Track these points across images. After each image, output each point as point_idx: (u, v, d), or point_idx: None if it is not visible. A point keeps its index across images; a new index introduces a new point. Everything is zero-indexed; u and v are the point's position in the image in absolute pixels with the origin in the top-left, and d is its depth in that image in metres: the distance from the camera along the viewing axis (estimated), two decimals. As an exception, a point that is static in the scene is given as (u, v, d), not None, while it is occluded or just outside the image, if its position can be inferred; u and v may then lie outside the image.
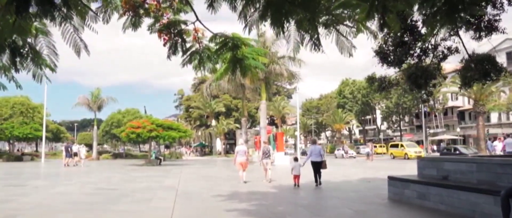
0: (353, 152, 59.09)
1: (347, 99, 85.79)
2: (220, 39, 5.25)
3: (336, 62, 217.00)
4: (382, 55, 12.02)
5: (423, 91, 13.10)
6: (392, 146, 51.27)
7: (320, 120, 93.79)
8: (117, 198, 11.67)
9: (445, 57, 11.72)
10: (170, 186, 15.29)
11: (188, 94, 79.72)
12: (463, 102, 77.55)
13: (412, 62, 12.45)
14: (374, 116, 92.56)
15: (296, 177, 14.82)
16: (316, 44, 5.36)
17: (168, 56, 5.81)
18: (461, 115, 78.06)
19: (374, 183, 15.94)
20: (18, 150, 51.55)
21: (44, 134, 42.73)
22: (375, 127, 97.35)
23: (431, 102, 73.05)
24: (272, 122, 67.93)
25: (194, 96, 73.35)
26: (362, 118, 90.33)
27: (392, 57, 11.92)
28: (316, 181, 14.85)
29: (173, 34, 5.63)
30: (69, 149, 32.64)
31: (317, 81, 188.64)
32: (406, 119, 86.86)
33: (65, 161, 31.28)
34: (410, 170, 23.87)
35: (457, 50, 11.41)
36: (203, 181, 18.04)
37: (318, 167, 14.96)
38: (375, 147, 57.40)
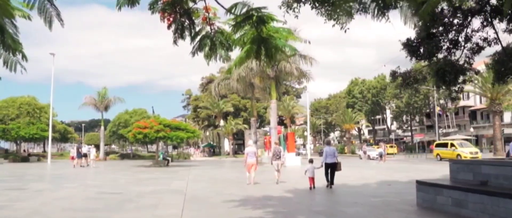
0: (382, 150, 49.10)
1: (356, 99, 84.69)
2: (243, 10, 4.19)
3: (343, 62, 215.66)
4: (410, 47, 10.98)
5: (452, 88, 12.00)
6: (439, 145, 42.61)
7: (329, 119, 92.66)
8: (120, 204, 10.75)
9: (480, 49, 10.67)
10: (177, 190, 14.38)
11: (196, 94, 78.92)
12: (475, 101, 76.19)
13: (441, 55, 11.42)
14: (384, 115, 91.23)
15: (311, 179, 14.36)
16: (381, 8, 4.34)
17: (174, 42, 4.82)
18: (473, 114, 76.53)
19: (395, 187, 14.91)
20: (24, 151, 50.99)
21: (50, 134, 42.05)
22: (384, 126, 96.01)
23: (443, 101, 71.68)
24: (281, 122, 66.86)
25: (202, 96, 72.51)
26: (372, 117, 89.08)
27: (421, 50, 10.87)
28: (327, 180, 14.56)
29: (178, 14, 4.65)
30: (80, 149, 32.43)
31: (324, 82, 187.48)
32: (417, 118, 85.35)
33: (76, 162, 31.19)
34: (428, 172, 22.86)
35: (496, 42, 10.35)
36: (212, 183, 17.15)
37: (332, 168, 14.60)
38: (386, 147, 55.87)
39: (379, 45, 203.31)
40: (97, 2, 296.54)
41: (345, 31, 7.15)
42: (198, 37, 4.84)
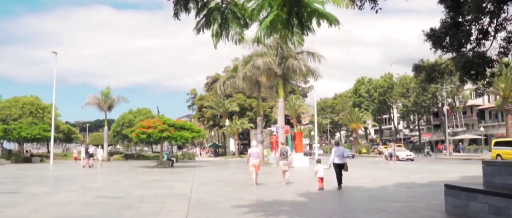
0: (411, 153, 44.95)
1: (363, 98, 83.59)
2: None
3: (348, 62, 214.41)
4: (435, 38, 9.97)
5: (479, 83, 10.99)
6: (499, 143, 34.48)
7: (336, 119, 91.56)
8: (118, 211, 9.80)
9: (517, 38, 9.65)
10: (182, 193, 13.44)
11: (201, 94, 77.99)
12: (483, 100, 74.90)
13: (469, 46, 10.41)
14: (391, 115, 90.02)
15: (321, 179, 13.98)
16: None
17: (175, 14, 3.82)
18: (481, 113, 75.17)
19: (415, 190, 13.92)
20: (26, 151, 50.23)
21: (53, 134, 41.18)
22: (391, 126, 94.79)
23: (450, 100, 70.33)
24: (287, 122, 65.81)
25: (207, 96, 71.58)
26: (378, 117, 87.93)
27: (448, 40, 9.86)
28: (340, 183, 14.15)
29: (182, -20, 3.69)
30: (88, 150, 32.43)
31: (330, 81, 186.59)
32: (424, 117, 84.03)
33: (84, 162, 31.18)
34: (443, 173, 21.78)
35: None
36: (218, 186, 16.16)
37: (341, 169, 14.25)
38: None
39: (384, 44, 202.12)
40: (102, 3, 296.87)
41: (377, 12, 6.22)
42: (206, 10, 3.85)
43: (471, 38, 10.28)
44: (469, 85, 66.24)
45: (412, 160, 40.78)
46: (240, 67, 37.50)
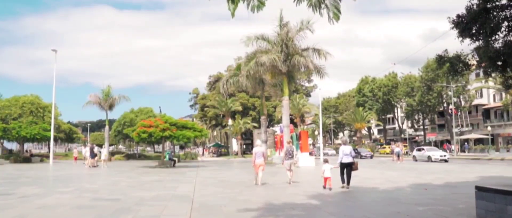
0: (445, 153, 40.59)
1: (367, 98, 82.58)
2: None
3: (351, 61, 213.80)
4: (464, 26, 9.05)
5: (507, 75, 10.07)
6: None
7: (339, 119, 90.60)
8: (114, 215, 8.88)
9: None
10: (184, 195, 12.56)
11: (203, 93, 77.10)
12: (489, 100, 73.99)
13: (500, 35, 9.49)
14: (396, 114, 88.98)
15: (328, 179, 13.57)
16: None
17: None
18: (486, 113, 74.22)
19: (434, 192, 12.99)
20: (26, 151, 49.48)
21: (52, 134, 40.32)
22: (395, 125, 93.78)
23: (456, 100, 69.24)
24: (291, 121, 64.87)
25: (209, 95, 70.71)
26: (382, 117, 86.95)
27: (477, 28, 8.95)
28: (343, 181, 13.73)
29: None
30: (93, 150, 32.38)
31: (332, 82, 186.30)
32: (429, 117, 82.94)
33: (88, 162, 31.04)
34: (457, 173, 20.88)
35: None
36: (223, 187, 15.25)
37: (348, 168, 13.81)
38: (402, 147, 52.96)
39: (386, 44, 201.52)
40: (104, 3, 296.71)
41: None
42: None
43: (502, 25, 9.36)
44: (475, 84, 65.27)
45: (446, 161, 36.39)
46: (243, 65, 36.62)
